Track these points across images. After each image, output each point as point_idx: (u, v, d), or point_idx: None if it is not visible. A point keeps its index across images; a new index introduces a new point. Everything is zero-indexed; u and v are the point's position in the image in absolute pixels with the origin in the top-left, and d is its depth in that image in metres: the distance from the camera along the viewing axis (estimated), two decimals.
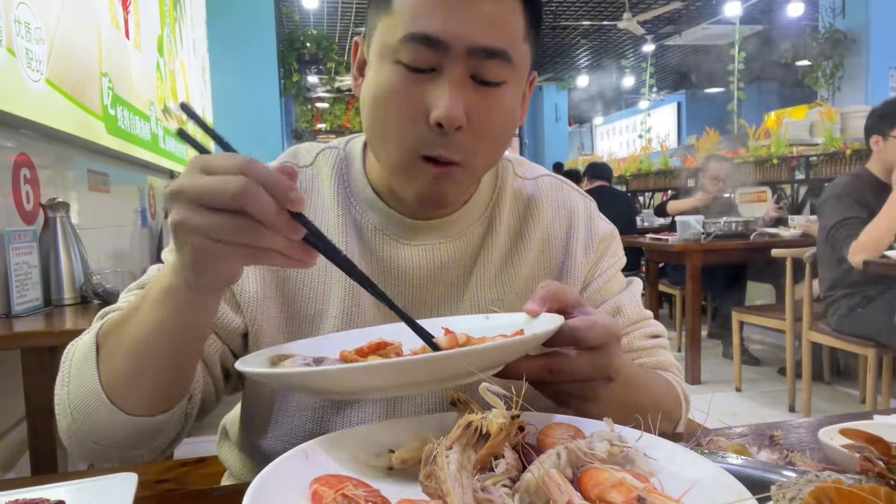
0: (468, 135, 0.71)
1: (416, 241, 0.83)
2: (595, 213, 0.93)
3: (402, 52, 0.69)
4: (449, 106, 0.67)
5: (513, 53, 0.70)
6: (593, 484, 0.48)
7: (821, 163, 4.92)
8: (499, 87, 0.71)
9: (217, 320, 0.78)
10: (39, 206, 1.94)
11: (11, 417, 1.76)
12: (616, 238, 0.93)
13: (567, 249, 0.89)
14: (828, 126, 4.89)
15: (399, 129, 0.71)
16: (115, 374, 0.66)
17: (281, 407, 0.82)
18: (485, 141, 0.72)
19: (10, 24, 1.67)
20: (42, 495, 0.57)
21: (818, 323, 3.20)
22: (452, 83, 0.68)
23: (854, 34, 6.73)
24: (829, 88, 6.94)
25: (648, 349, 0.88)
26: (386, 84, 0.71)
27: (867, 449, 0.54)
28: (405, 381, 0.57)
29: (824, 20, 6.99)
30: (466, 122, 0.69)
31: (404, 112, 0.70)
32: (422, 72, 0.69)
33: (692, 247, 3.93)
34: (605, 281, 0.89)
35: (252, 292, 0.80)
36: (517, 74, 0.73)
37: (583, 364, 0.64)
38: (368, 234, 0.83)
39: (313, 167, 0.87)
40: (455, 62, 0.68)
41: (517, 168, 0.93)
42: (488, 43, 0.68)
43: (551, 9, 9.45)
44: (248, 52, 5.81)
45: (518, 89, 0.75)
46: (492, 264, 0.85)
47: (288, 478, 0.51)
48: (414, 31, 0.68)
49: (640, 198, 8.44)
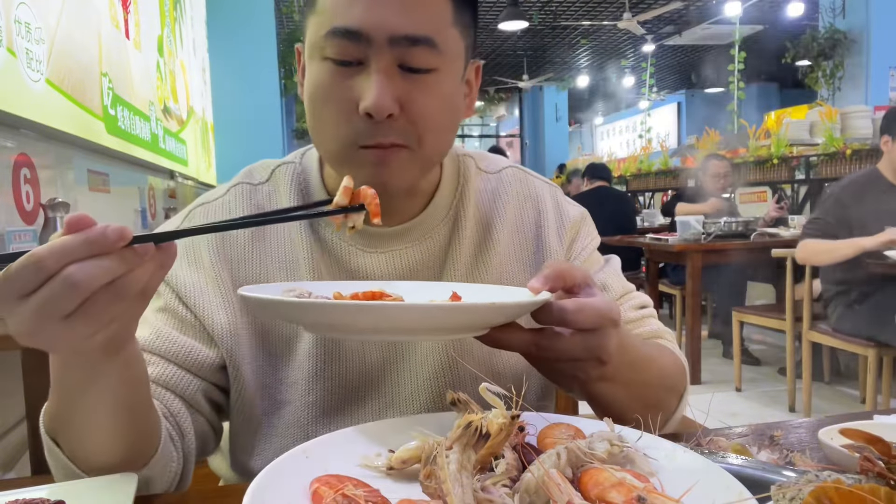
0: (405, 122, 0.71)
1: (382, 248, 0.83)
2: (562, 199, 0.93)
3: (328, 48, 0.70)
4: (376, 95, 0.68)
5: (438, 39, 0.70)
6: (593, 484, 0.48)
7: (821, 163, 4.92)
8: (429, 73, 0.71)
9: (189, 358, 0.77)
10: (39, 206, 1.94)
11: (11, 417, 1.76)
12: (587, 219, 0.94)
13: (539, 238, 0.89)
14: (828, 126, 4.89)
15: (334, 122, 0.72)
16: (83, 458, 0.64)
17: (267, 431, 0.81)
18: (424, 127, 0.73)
19: (10, 24, 1.67)
20: (42, 495, 0.57)
21: (818, 323, 3.20)
22: (378, 73, 0.69)
23: (854, 34, 6.72)
24: (829, 88, 6.94)
25: (638, 320, 0.89)
26: (317, 81, 0.73)
27: (867, 449, 0.54)
28: (380, 324, 0.58)
29: (824, 20, 6.99)
30: (400, 110, 0.70)
31: (336, 105, 0.71)
32: (349, 65, 0.70)
33: (692, 247, 3.94)
34: (583, 261, 0.90)
35: (224, 323, 0.78)
36: (448, 60, 0.73)
37: (573, 344, 0.64)
38: (333, 245, 0.83)
39: (270, 183, 0.87)
40: (379, 52, 0.69)
41: (479, 163, 0.92)
42: (410, 31, 0.69)
43: (551, 9, 9.45)
44: (248, 52, 5.80)
45: (453, 75, 0.75)
46: (461, 262, 0.85)
47: (288, 478, 0.51)
48: (335, 25, 0.69)
49: (640, 198, 8.45)
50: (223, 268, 0.81)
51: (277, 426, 0.81)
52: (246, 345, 0.80)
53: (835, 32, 6.79)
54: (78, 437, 0.63)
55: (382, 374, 0.82)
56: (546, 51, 11.89)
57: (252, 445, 0.82)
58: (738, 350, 3.81)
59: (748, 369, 4.15)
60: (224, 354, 0.79)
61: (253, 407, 0.81)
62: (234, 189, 0.86)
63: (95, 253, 0.47)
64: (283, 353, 0.81)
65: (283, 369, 0.81)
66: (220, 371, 0.80)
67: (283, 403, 0.81)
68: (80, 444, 0.63)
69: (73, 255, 0.47)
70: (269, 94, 5.93)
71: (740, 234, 4.15)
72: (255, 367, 0.80)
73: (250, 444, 0.83)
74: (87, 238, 0.47)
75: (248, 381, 0.80)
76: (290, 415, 0.80)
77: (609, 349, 0.66)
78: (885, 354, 2.83)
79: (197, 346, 0.78)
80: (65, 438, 0.64)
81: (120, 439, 0.63)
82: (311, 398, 0.80)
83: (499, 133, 18.10)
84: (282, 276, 0.82)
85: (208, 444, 0.83)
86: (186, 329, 0.79)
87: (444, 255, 0.85)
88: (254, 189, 0.86)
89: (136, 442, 0.65)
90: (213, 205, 0.85)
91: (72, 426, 0.63)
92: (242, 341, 0.79)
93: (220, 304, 0.79)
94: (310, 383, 0.80)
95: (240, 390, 0.80)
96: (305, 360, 0.80)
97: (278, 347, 0.81)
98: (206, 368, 0.78)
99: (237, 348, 0.79)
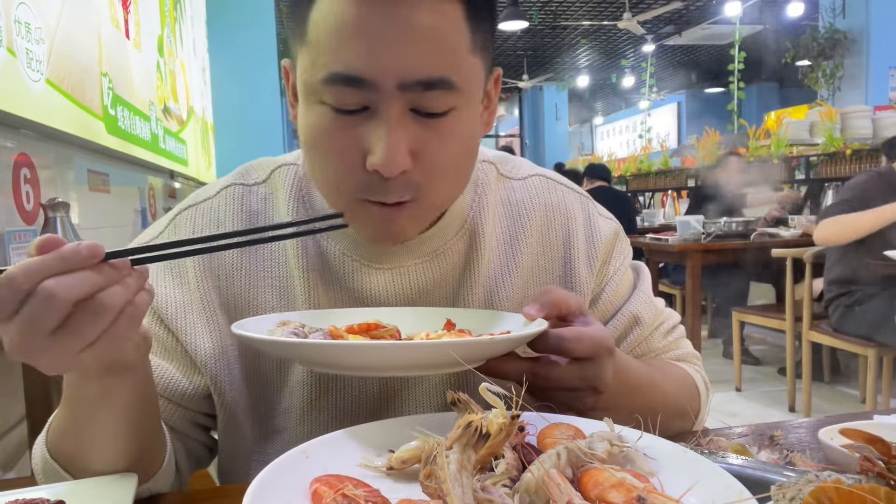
0: (418, 174, 0.63)
1: (389, 264, 0.75)
2: (594, 213, 0.85)
3: (325, 95, 0.61)
4: (387, 151, 0.59)
5: (455, 77, 0.60)
6: (593, 484, 0.48)
7: (821, 163, 4.92)
8: (446, 115, 0.62)
9: (170, 389, 0.73)
10: (39, 206, 1.94)
11: (11, 417, 1.76)
12: (620, 236, 0.86)
13: (566, 262, 0.81)
14: (828, 126, 4.89)
15: (336, 175, 0.64)
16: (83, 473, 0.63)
17: (260, 458, 0.76)
18: (439, 176, 0.64)
19: (10, 24, 1.67)
20: (42, 495, 0.57)
21: (818, 323, 3.20)
22: (389, 123, 0.59)
23: (854, 34, 6.72)
24: (829, 88, 6.94)
25: (669, 345, 0.86)
26: (316, 127, 0.63)
27: (867, 449, 0.54)
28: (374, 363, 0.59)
29: (824, 20, 6.98)
30: (414, 161, 0.61)
31: (339, 157, 0.62)
32: (353, 112, 0.61)
33: (692, 247, 3.93)
34: (616, 286, 0.83)
35: (208, 348, 0.73)
36: (466, 95, 0.63)
37: (570, 374, 0.63)
38: (334, 260, 0.75)
39: (267, 185, 0.79)
40: (388, 100, 0.59)
41: (502, 167, 0.83)
42: (423, 75, 0.59)
43: (551, 9, 9.45)
44: (248, 52, 5.79)
45: (472, 109, 0.66)
46: (479, 285, 0.77)
47: (288, 478, 0.51)
48: (333, 71, 0.59)
49: (640, 198, 8.44)
50: (210, 285, 0.74)
51: (271, 454, 0.74)
52: (236, 368, 0.75)
53: (835, 32, 6.79)
54: (86, 452, 0.63)
55: (381, 405, 0.77)
56: (546, 51, 11.88)
57: (246, 471, 0.78)
58: (738, 350, 3.81)
59: (748, 369, 4.15)
60: (208, 381, 0.74)
61: (243, 433, 0.77)
62: (226, 191, 0.78)
63: (69, 269, 0.47)
64: (275, 379, 0.76)
65: (275, 395, 0.77)
66: (205, 399, 0.76)
67: (276, 431, 0.77)
68: (85, 459, 0.63)
69: (47, 271, 0.46)
70: (269, 94, 5.92)
71: (740, 234, 4.15)
72: (245, 392, 0.76)
73: (244, 470, 0.79)
74: (60, 254, 0.47)
75: (237, 407, 0.76)
76: (284, 442, 0.75)
77: (605, 379, 0.65)
78: (885, 354, 2.83)
79: (177, 375, 0.74)
80: (69, 454, 0.64)
81: (127, 455, 0.63)
82: (305, 428, 0.75)
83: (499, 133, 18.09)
84: (274, 296, 0.75)
85: (202, 462, 0.81)
86: (168, 355, 0.75)
87: (460, 275, 0.78)
88: (248, 190, 0.78)
89: (143, 458, 0.65)
90: (201, 207, 0.78)
91: (81, 442, 0.62)
92: (232, 364, 0.74)
93: (205, 326, 0.73)
94: (304, 412, 0.75)
95: (226, 417, 0.76)
96: (299, 388, 0.75)
97: (270, 373, 0.76)
98: (188, 398, 0.75)
99: (224, 373, 0.74)
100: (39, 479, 0.68)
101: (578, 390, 0.65)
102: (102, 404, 0.59)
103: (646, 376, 0.76)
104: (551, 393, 0.65)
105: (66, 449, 0.64)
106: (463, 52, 0.61)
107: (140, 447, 0.63)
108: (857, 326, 2.93)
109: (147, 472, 0.65)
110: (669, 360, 0.86)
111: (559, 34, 10.83)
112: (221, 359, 0.74)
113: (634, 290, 0.86)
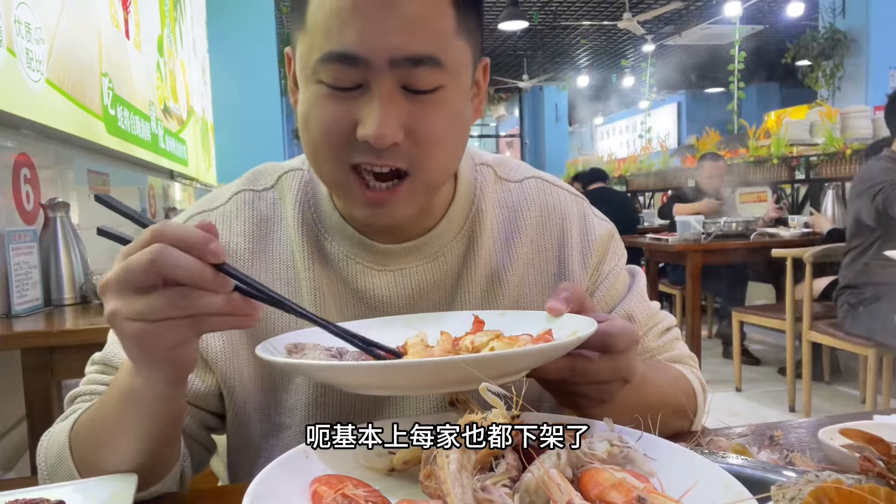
0: (410, 146, 0.67)
1: (390, 266, 0.78)
2: (589, 214, 0.87)
3: (322, 73, 0.65)
4: (378, 122, 0.64)
5: (442, 56, 0.65)
6: (593, 484, 0.48)
7: (821, 163, 4.92)
8: (434, 92, 0.66)
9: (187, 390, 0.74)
10: (39, 205, 1.94)
11: (11, 417, 1.76)
12: (614, 237, 0.88)
13: (561, 261, 0.83)
14: (828, 126, 4.89)
15: (328, 142, 0.67)
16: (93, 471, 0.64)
17: (267, 454, 0.78)
18: (430, 149, 0.68)
19: (10, 24, 1.67)
20: (42, 495, 0.57)
21: (818, 323, 3.20)
22: (381, 98, 0.64)
23: (854, 34, 6.72)
24: (829, 88, 6.94)
25: (663, 346, 0.87)
26: (313, 105, 0.67)
27: (867, 449, 0.54)
28: (438, 379, 0.56)
29: (824, 20, 6.99)
30: (405, 135, 0.66)
31: (333, 127, 0.66)
32: (348, 90, 0.65)
33: (692, 247, 3.94)
34: (610, 286, 0.85)
35: (219, 347, 0.76)
36: (454, 74, 0.67)
37: (604, 367, 0.63)
38: (338, 262, 0.78)
39: (275, 190, 0.82)
40: (380, 76, 0.64)
41: (499, 170, 0.86)
42: (411, 51, 0.63)
43: (551, 9, 9.45)
44: (248, 52, 5.80)
45: (461, 88, 0.70)
46: (476, 284, 0.80)
47: (288, 478, 0.51)
48: (328, 50, 0.64)
49: (640, 198, 8.44)
50: None
51: (276, 449, 0.77)
52: (243, 369, 0.77)
53: (835, 32, 6.80)
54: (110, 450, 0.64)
55: (382, 404, 0.79)
56: (546, 51, 11.89)
57: (252, 467, 0.80)
58: (738, 350, 3.81)
59: (748, 369, 4.15)
60: (219, 379, 0.77)
61: (251, 429, 0.80)
62: (236, 197, 0.82)
63: (199, 255, 0.51)
64: (282, 376, 0.78)
65: (281, 392, 0.79)
66: (216, 398, 0.78)
67: (281, 427, 0.79)
68: (103, 455, 0.64)
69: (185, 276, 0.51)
70: (269, 94, 5.93)
71: (740, 234, 4.16)
72: (253, 387, 0.78)
73: (250, 466, 0.81)
74: (206, 246, 0.51)
75: (246, 403, 0.78)
76: (289, 439, 0.78)
77: (635, 368, 0.65)
78: (885, 354, 2.83)
79: (191, 376, 0.74)
80: (89, 449, 0.65)
81: (147, 456, 0.64)
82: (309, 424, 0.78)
83: (499, 133, 18.09)
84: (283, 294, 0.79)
85: (202, 465, 0.82)
86: None
87: (458, 274, 0.80)
88: (257, 196, 0.82)
89: (159, 460, 0.66)
90: (214, 214, 0.81)
91: (111, 438, 0.63)
92: (240, 366, 0.77)
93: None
94: (309, 409, 0.77)
95: (235, 413, 0.79)
96: (305, 386, 0.78)
97: (277, 371, 0.78)
98: (201, 397, 0.77)
99: (234, 370, 0.77)
100: (43, 473, 0.68)
101: (610, 382, 0.65)
102: (158, 406, 0.61)
103: (650, 373, 0.76)
104: (584, 387, 0.65)
105: (89, 444, 0.65)
106: (449, 35, 0.66)
107: (159, 449, 0.65)
108: (860, 325, 2.93)
109: (160, 473, 0.67)
110: (664, 360, 0.86)
111: (559, 34, 10.83)
112: (232, 357, 0.76)
113: (629, 290, 0.87)
